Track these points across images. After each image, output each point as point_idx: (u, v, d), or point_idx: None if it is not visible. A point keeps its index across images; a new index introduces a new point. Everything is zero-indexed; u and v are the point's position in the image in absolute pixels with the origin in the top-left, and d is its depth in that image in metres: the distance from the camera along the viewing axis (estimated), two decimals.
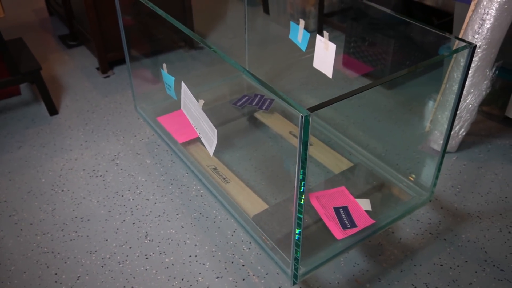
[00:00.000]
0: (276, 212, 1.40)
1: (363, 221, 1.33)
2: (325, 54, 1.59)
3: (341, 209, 1.38)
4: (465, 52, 1.18)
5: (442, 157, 1.36)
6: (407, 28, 2.16)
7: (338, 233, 1.30)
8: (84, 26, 2.46)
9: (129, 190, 1.67)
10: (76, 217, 1.56)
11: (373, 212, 1.38)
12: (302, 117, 0.90)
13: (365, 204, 1.40)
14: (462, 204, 1.59)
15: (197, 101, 1.30)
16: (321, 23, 2.63)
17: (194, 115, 1.36)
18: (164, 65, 1.44)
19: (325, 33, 1.55)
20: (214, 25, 2.89)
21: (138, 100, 1.86)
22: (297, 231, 1.06)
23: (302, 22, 1.64)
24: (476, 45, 1.16)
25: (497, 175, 1.71)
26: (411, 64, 2.23)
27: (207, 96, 2.02)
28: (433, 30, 1.44)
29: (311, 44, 1.69)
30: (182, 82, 1.35)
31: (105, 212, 1.58)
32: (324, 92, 2.18)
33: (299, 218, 1.03)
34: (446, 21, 2.34)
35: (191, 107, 1.36)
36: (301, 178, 0.97)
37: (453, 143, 1.76)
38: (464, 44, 1.17)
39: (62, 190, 1.67)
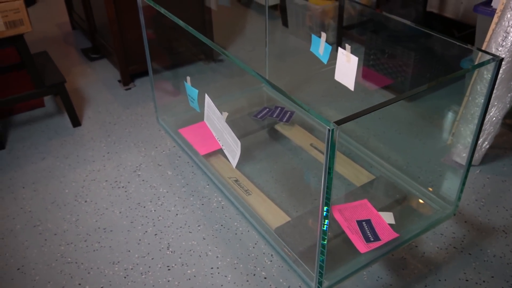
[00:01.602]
0: (298, 224, 1.40)
1: (386, 235, 1.32)
2: (347, 67, 1.59)
3: (364, 222, 1.37)
4: (491, 65, 1.18)
5: (467, 170, 1.34)
6: (427, 40, 2.16)
7: (362, 246, 1.29)
8: (106, 39, 2.51)
9: (151, 201, 1.68)
10: (99, 228, 1.58)
11: (396, 225, 1.37)
12: (328, 130, 0.90)
13: (388, 218, 1.39)
14: (487, 218, 1.56)
15: (221, 113, 1.31)
16: (340, 36, 2.63)
17: (217, 127, 1.38)
18: (188, 78, 1.45)
19: (347, 46, 1.55)
20: (234, 38, 2.92)
21: (159, 112, 1.88)
22: (322, 243, 1.05)
23: (323, 35, 1.65)
24: (502, 58, 1.15)
25: None
26: (431, 76, 2.22)
27: (228, 108, 2.03)
28: (456, 43, 1.44)
29: (331, 57, 1.69)
30: (206, 95, 1.36)
31: (128, 223, 1.59)
32: (344, 104, 2.18)
33: (324, 232, 1.03)
34: (467, 34, 2.33)
35: (214, 119, 1.37)
36: (327, 192, 0.97)
37: (477, 156, 1.74)
38: (490, 57, 1.16)
39: (85, 201, 1.69)
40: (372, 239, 1.31)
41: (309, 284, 1.19)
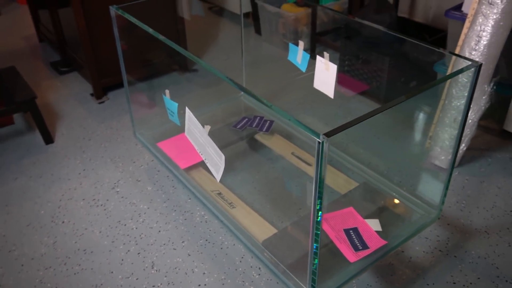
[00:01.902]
0: (285, 236, 1.38)
1: (374, 242, 1.32)
2: (326, 75, 1.59)
3: (351, 231, 1.36)
4: (471, 71, 1.19)
5: (450, 174, 1.36)
6: (401, 45, 2.19)
7: (351, 255, 1.28)
8: (76, 52, 2.44)
9: (131, 219, 1.63)
10: (78, 249, 1.52)
11: (383, 232, 1.37)
12: (318, 142, 0.89)
13: (374, 225, 1.39)
14: (469, 220, 1.59)
15: (203, 126, 1.29)
16: (314, 43, 2.64)
17: (199, 141, 1.35)
18: (167, 91, 1.42)
19: (325, 53, 1.55)
20: (207, 47, 2.89)
21: (136, 125, 1.84)
22: (315, 261, 1.04)
23: (301, 43, 1.65)
24: (481, 64, 1.17)
25: (500, 188, 1.72)
26: (406, 81, 2.25)
27: (206, 118, 2.00)
28: (433, 48, 1.46)
29: (308, 65, 1.69)
30: (187, 108, 1.33)
31: (109, 243, 1.54)
32: (321, 111, 2.18)
33: (316, 248, 1.02)
34: (438, 38, 2.38)
35: (196, 132, 1.35)
36: (318, 207, 0.95)
37: (456, 159, 1.76)
38: (467, 62, 1.18)
39: (63, 222, 1.63)
40: (361, 248, 1.30)
41: None
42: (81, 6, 2.12)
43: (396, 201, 1.51)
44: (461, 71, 1.17)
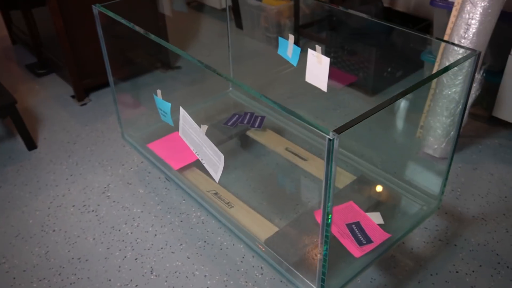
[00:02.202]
0: (288, 233, 1.36)
1: (378, 236, 1.31)
2: (318, 68, 1.57)
3: (353, 225, 1.35)
4: (463, 59, 1.18)
5: (450, 164, 1.36)
6: (388, 35, 2.19)
7: (356, 251, 1.27)
8: (54, 53, 2.36)
9: (125, 224, 1.58)
10: (72, 258, 1.46)
11: (384, 225, 1.36)
12: (329, 140, 0.86)
13: (376, 218, 1.38)
14: (465, 208, 1.59)
15: (200, 126, 1.25)
16: (298, 35, 2.62)
17: (195, 141, 1.31)
18: (158, 91, 1.37)
19: (318, 47, 1.53)
20: (189, 44, 2.84)
21: (123, 127, 1.78)
22: (324, 263, 1.02)
23: (291, 37, 1.62)
24: (480, 52, 1.16)
25: (493, 175, 1.73)
26: (393, 71, 2.25)
27: (194, 117, 1.96)
28: (425, 36, 1.45)
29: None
30: (181, 108, 1.29)
31: (104, 250, 1.49)
32: (311, 104, 2.16)
33: (326, 249, 1.00)
34: (422, 27, 2.38)
35: (192, 133, 1.31)
36: (328, 209, 0.93)
37: (448, 147, 1.77)
38: (468, 51, 1.17)
39: (53, 230, 1.57)
40: (365, 242, 1.29)
41: None
42: (57, 6, 2.03)
43: (395, 192, 1.51)
44: (461, 60, 1.16)
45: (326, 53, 2.35)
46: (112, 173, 1.81)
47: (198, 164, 1.63)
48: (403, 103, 2.23)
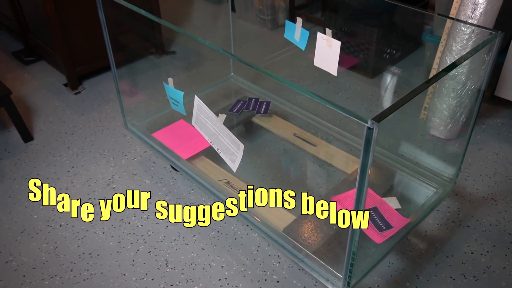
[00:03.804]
0: (305, 221, 1.35)
1: (397, 221, 1.31)
2: (328, 52, 1.54)
3: (371, 211, 1.34)
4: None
5: (466, 148, 1.36)
6: (389, 14, 2.16)
7: (377, 237, 1.26)
8: (43, 39, 2.26)
9: (134, 216, 1.55)
10: (83, 254, 1.42)
11: (401, 209, 1.36)
12: (368, 128, 0.84)
13: (393, 203, 1.38)
14: (475, 188, 1.61)
15: (217, 116, 1.21)
16: (293, 17, 2.57)
17: (211, 131, 1.27)
18: (170, 80, 1.33)
19: (328, 30, 1.50)
20: (182, 27, 2.75)
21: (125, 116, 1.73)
22: (353, 248, 1.01)
23: (299, 20, 1.58)
24: (504, 32, 1.15)
25: (498, 154, 1.75)
26: (393, 51, 2.24)
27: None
28: (442, 16, 1.42)
29: (287, 41, 1.63)
30: (196, 97, 1.25)
31: (115, 244, 1.45)
32: (312, 88, 2.14)
33: (355, 239, 0.99)
34: (420, 7, 2.36)
35: (207, 122, 1.27)
36: (362, 196, 0.92)
37: (455, 129, 1.78)
38: (492, 32, 1.15)
39: (60, 225, 1.52)
40: (384, 228, 1.29)
41: (335, 283, 1.15)
42: None
43: (408, 176, 1.51)
44: (487, 41, 1.14)
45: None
46: (115, 164, 1.76)
47: (207, 153, 1.60)
48: (403, 83, 2.23)
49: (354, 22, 2.16)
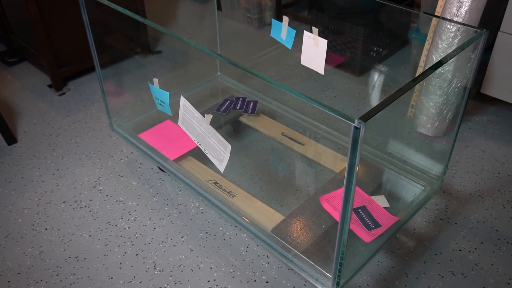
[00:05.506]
0: (294, 221, 1.34)
1: (386, 220, 1.31)
2: (314, 50, 1.54)
3: (360, 210, 1.34)
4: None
5: (453, 145, 1.36)
6: (375, 13, 2.16)
7: (365, 236, 1.26)
8: (26, 40, 2.23)
9: (122, 218, 1.53)
10: (69, 257, 1.40)
11: (390, 208, 1.36)
12: (355, 128, 0.84)
13: (382, 201, 1.38)
14: (462, 186, 1.62)
15: (203, 116, 1.20)
16: (280, 16, 2.56)
17: (197, 131, 1.26)
18: (155, 80, 1.31)
19: (314, 28, 1.49)
20: (168, 26, 2.73)
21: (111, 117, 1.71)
22: (342, 248, 1.00)
23: (285, 18, 1.58)
24: (489, 30, 1.15)
25: (484, 152, 1.76)
26: (379, 49, 2.24)
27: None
28: (428, 14, 1.43)
29: (274, 40, 1.62)
30: (182, 97, 1.24)
31: (102, 247, 1.43)
32: (299, 87, 2.13)
33: (344, 241, 0.98)
34: (405, 6, 2.37)
35: (194, 122, 1.25)
36: (349, 196, 0.91)
37: (442, 127, 1.79)
38: (477, 30, 1.16)
39: (45, 229, 1.49)
40: (373, 226, 1.29)
41: (325, 283, 1.15)
42: None
43: (396, 174, 1.51)
44: (473, 39, 1.15)
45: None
46: (101, 165, 1.74)
47: (194, 154, 1.59)
48: (391, 82, 2.23)
49: (341, 20, 2.16)
